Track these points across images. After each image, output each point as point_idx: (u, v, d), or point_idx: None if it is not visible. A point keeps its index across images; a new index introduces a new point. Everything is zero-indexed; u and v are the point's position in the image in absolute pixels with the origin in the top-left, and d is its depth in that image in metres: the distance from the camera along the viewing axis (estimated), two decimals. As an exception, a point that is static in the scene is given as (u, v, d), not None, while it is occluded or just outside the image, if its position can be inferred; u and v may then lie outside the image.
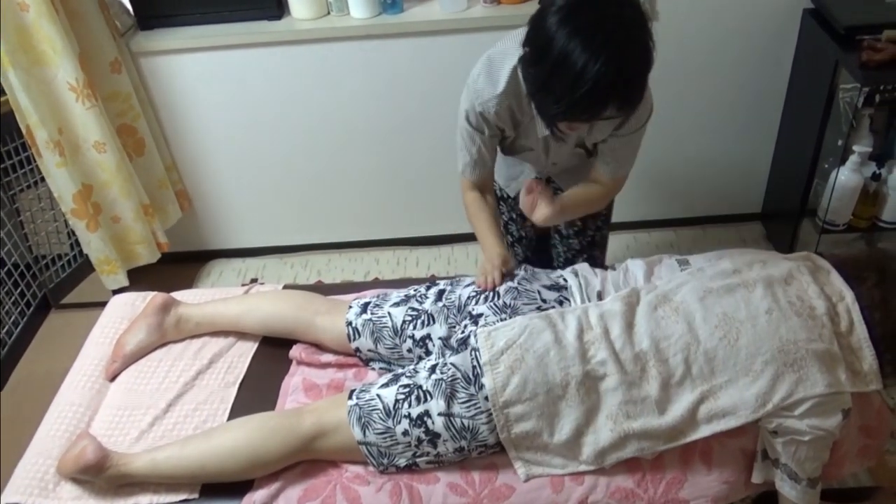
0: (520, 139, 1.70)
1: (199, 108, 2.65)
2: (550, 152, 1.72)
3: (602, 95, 1.26)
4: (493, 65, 1.54)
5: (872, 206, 2.48)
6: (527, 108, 1.58)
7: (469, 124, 1.62)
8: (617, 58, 1.23)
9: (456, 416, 1.44)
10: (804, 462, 1.38)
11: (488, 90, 1.54)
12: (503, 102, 1.55)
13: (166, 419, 1.63)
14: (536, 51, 1.31)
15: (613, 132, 1.60)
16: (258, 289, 1.98)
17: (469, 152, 1.68)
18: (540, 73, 1.30)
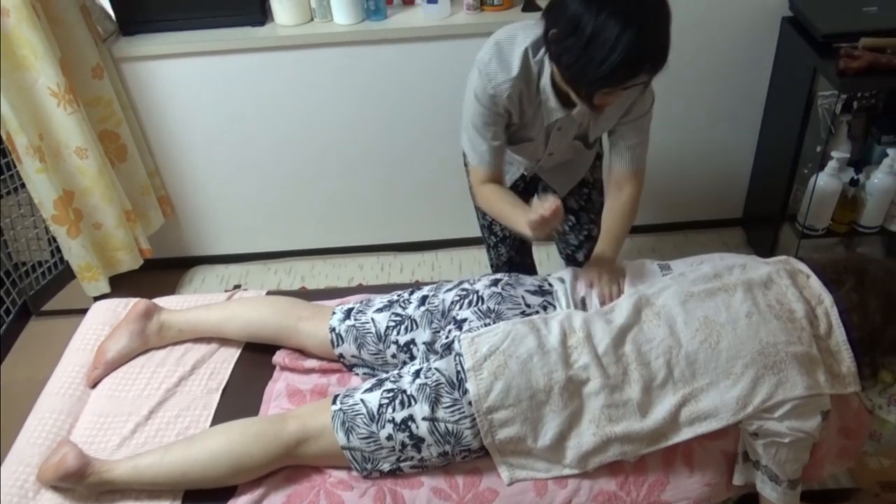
0: (522, 129, 1.70)
1: (181, 113, 2.64)
2: (549, 143, 1.73)
3: (638, 57, 1.31)
4: (503, 49, 1.55)
5: (851, 212, 2.51)
6: (534, 97, 1.59)
7: (483, 107, 1.60)
8: (648, 20, 1.30)
9: (440, 421, 1.44)
10: (784, 464, 1.40)
11: (501, 74, 1.54)
12: (516, 86, 1.55)
13: (148, 426, 1.62)
14: (569, 24, 1.33)
15: (620, 120, 1.64)
16: (241, 295, 1.97)
17: (484, 139, 1.65)
18: (576, 43, 1.33)
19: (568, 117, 1.61)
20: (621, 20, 1.28)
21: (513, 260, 2.13)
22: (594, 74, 1.34)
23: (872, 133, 2.54)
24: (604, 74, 1.33)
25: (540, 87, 1.56)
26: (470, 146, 1.69)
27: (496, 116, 1.61)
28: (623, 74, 1.34)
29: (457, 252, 3.06)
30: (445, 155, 2.80)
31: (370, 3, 2.44)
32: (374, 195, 2.90)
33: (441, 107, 2.66)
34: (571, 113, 1.59)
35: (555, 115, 1.60)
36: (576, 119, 1.63)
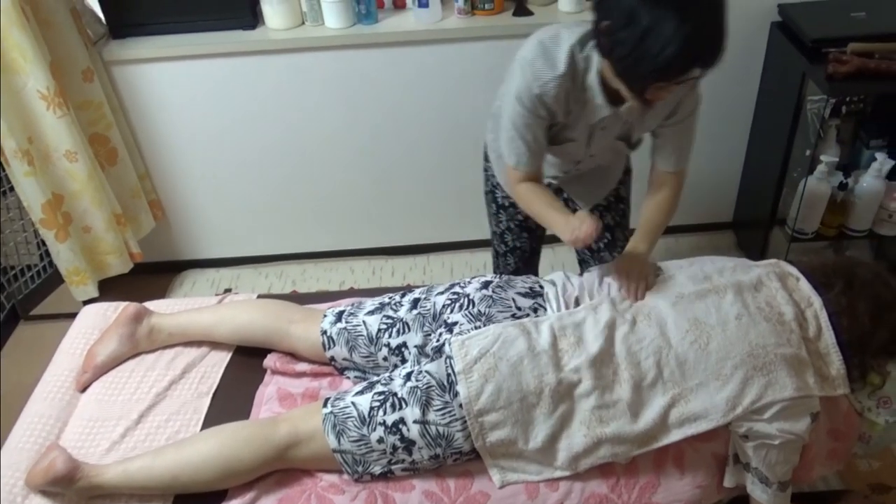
0: (565, 129, 1.65)
1: (172, 117, 2.63)
2: (592, 143, 1.68)
3: (695, 51, 1.30)
4: (548, 47, 1.50)
5: (840, 215, 2.53)
6: (579, 95, 1.55)
7: (525, 109, 1.55)
8: (705, 12, 1.28)
9: (431, 424, 1.44)
10: (774, 466, 1.41)
11: (548, 71, 1.49)
12: (563, 84, 1.50)
13: (138, 430, 1.61)
14: (623, 16, 1.30)
15: (664, 122, 1.62)
16: (232, 298, 1.97)
17: (524, 140, 1.60)
18: (631, 36, 1.30)
19: (614, 115, 1.56)
20: (679, 13, 1.25)
21: (519, 271, 2.12)
22: (648, 68, 1.31)
23: (861, 137, 2.56)
24: (659, 68, 1.30)
25: (587, 83, 1.52)
26: (508, 147, 1.64)
27: (538, 119, 1.57)
28: (678, 68, 1.32)
29: (448, 256, 3.06)
30: (437, 159, 2.80)
31: (361, 7, 2.44)
32: (366, 199, 2.90)
33: (432, 111, 2.67)
34: (619, 110, 1.55)
35: (601, 112, 1.55)
36: (621, 117, 1.58)
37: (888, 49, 2.21)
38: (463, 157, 2.79)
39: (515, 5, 2.53)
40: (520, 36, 2.47)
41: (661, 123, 1.63)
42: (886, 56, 2.19)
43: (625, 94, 1.43)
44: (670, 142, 1.67)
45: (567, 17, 2.48)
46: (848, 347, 1.47)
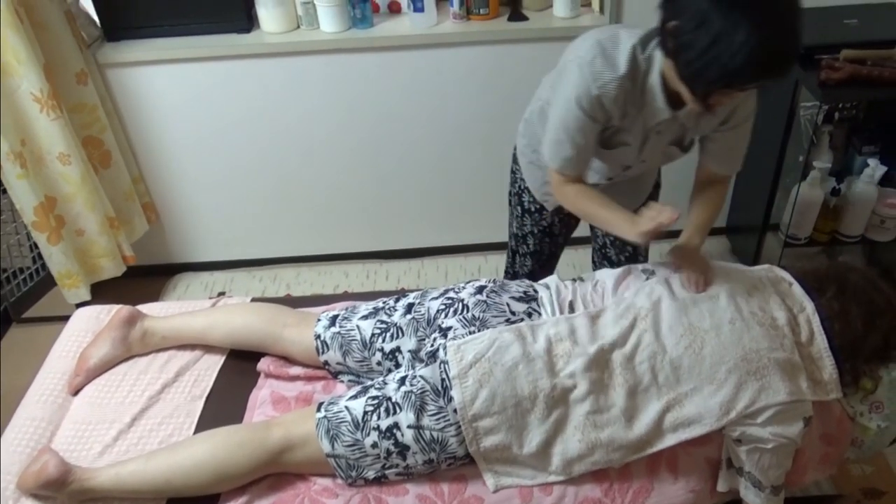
0: (620, 133, 1.60)
1: (167, 120, 2.63)
2: (645, 148, 1.64)
3: (766, 61, 1.25)
4: (607, 48, 1.46)
5: (833, 221, 2.54)
6: (638, 97, 1.50)
7: (581, 110, 1.49)
8: (781, 21, 1.24)
9: (425, 429, 1.43)
10: (767, 470, 1.41)
11: (608, 72, 1.44)
12: (623, 86, 1.46)
13: (131, 433, 1.60)
14: (693, 18, 1.26)
15: (719, 127, 1.58)
16: (226, 301, 1.96)
17: (575, 144, 1.55)
18: (700, 40, 1.26)
19: (672, 119, 1.52)
20: (753, 20, 1.20)
21: (535, 274, 2.11)
22: (716, 74, 1.27)
23: (853, 143, 2.58)
24: (727, 75, 1.26)
25: (647, 85, 1.47)
26: (554, 149, 1.59)
27: (593, 122, 1.52)
28: (747, 77, 1.28)
29: (443, 260, 3.06)
30: (432, 163, 2.80)
31: (357, 11, 2.45)
32: (360, 202, 2.90)
33: (427, 115, 2.67)
34: (678, 113, 1.51)
35: (660, 115, 1.51)
36: (679, 120, 1.54)
37: (880, 56, 2.22)
38: (458, 160, 2.80)
39: (510, 10, 2.54)
40: (514, 40, 2.50)
41: (715, 128, 1.59)
42: (878, 63, 2.20)
43: (686, 97, 1.39)
44: (724, 146, 1.63)
45: (562, 22, 2.49)
46: (840, 352, 1.48)
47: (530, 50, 2.53)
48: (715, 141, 1.63)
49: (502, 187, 2.85)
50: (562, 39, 2.49)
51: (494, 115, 2.68)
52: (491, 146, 2.76)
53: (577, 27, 2.48)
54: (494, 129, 2.72)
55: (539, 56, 2.54)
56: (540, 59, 2.54)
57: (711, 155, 1.67)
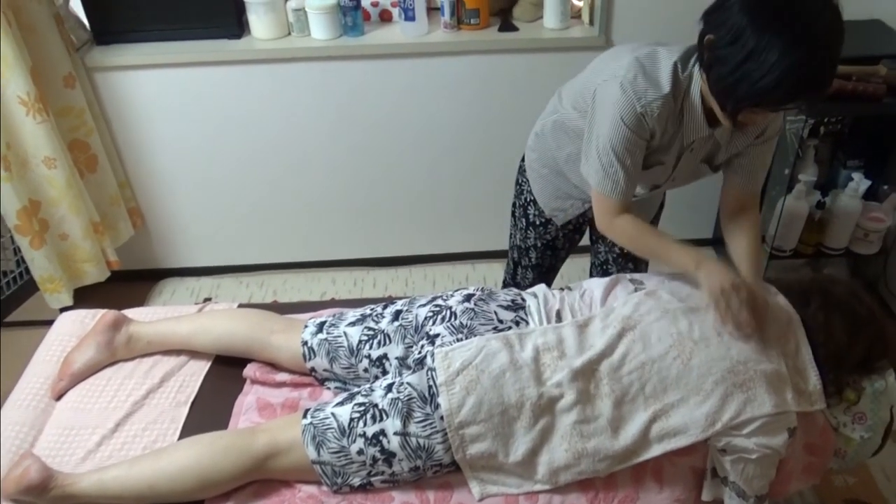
0: (657, 152, 1.58)
1: (154, 125, 2.62)
2: (678, 166, 1.63)
3: (798, 83, 1.24)
4: (646, 66, 1.45)
5: (818, 234, 2.57)
6: (677, 115, 1.49)
7: (628, 129, 1.46)
8: (816, 45, 1.22)
9: (412, 436, 1.43)
10: (752, 480, 1.41)
11: (651, 90, 1.44)
12: (667, 104, 1.45)
13: (114, 439, 1.59)
14: (729, 33, 1.26)
15: (753, 141, 1.57)
16: (212, 307, 1.95)
17: (624, 165, 1.51)
18: (733, 56, 1.25)
19: (708, 136, 1.52)
20: (787, 41, 1.20)
21: (534, 284, 2.11)
22: (746, 92, 1.27)
23: (838, 157, 2.61)
24: (757, 93, 1.26)
25: (687, 103, 1.47)
26: (603, 174, 1.53)
27: (640, 141, 1.49)
28: (778, 98, 1.27)
29: (430, 268, 3.06)
30: (421, 171, 2.81)
31: (348, 19, 2.45)
32: (349, 210, 2.90)
33: (417, 123, 2.68)
34: (714, 131, 1.50)
35: (698, 133, 1.50)
36: (714, 137, 1.54)
37: (865, 72, 2.25)
38: (447, 169, 2.81)
39: (501, 21, 2.55)
40: (505, 51, 2.51)
41: (748, 144, 1.57)
42: (863, 78, 2.23)
43: (717, 113, 1.39)
44: (751, 160, 1.60)
45: (552, 33, 2.51)
46: (824, 363, 1.49)
47: (520, 60, 2.54)
48: (744, 155, 1.61)
49: (491, 197, 2.87)
50: (552, 50, 2.52)
51: (484, 124, 2.69)
52: (480, 156, 2.77)
53: (567, 38, 2.49)
54: (484, 139, 2.73)
55: (529, 67, 2.55)
56: (530, 69, 2.56)
57: (738, 170, 1.63)
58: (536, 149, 1.86)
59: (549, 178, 1.86)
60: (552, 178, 1.85)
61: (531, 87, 2.60)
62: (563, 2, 2.46)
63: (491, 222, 2.94)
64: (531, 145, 1.89)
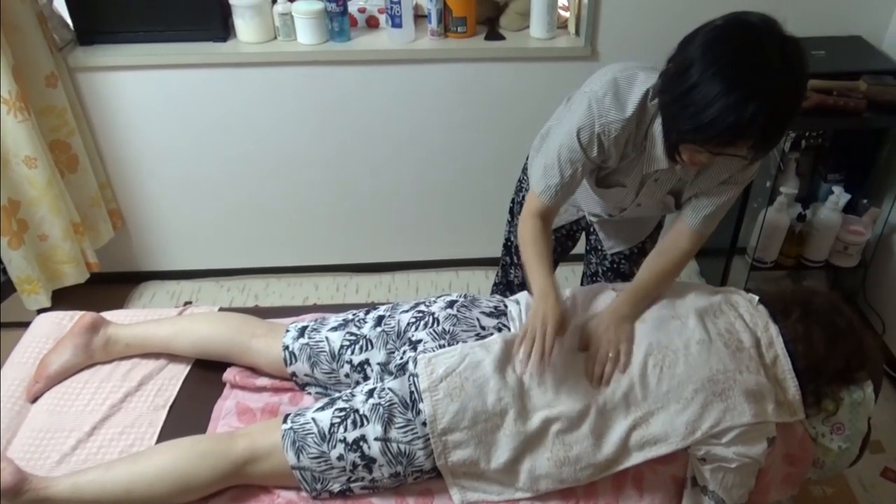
0: (617, 173, 1.60)
1: (137, 126, 2.60)
2: (641, 193, 1.63)
3: (733, 127, 1.21)
4: (621, 87, 1.45)
5: (798, 246, 2.59)
6: (640, 142, 1.50)
7: (579, 143, 1.48)
8: (759, 92, 1.19)
9: (393, 442, 1.42)
10: (731, 489, 1.42)
11: (615, 112, 1.44)
12: (626, 128, 1.45)
13: (90, 442, 1.57)
14: (681, 65, 1.27)
15: (718, 186, 1.53)
16: (192, 310, 1.94)
17: (562, 174, 1.53)
18: (678, 87, 1.26)
19: (670, 169, 1.51)
20: (726, 82, 1.19)
21: (524, 285, 2.10)
22: (683, 125, 1.27)
23: (819, 171, 2.64)
24: (693, 129, 1.25)
25: (650, 132, 1.47)
26: (542, 173, 1.56)
27: (586, 158, 1.50)
28: (711, 135, 1.24)
29: (414, 274, 3.05)
30: (405, 177, 2.80)
31: (334, 25, 2.45)
32: (332, 215, 2.89)
33: (402, 130, 2.67)
34: (676, 166, 1.48)
35: (657, 164, 1.50)
36: (677, 173, 1.54)
37: (846, 87, 2.28)
38: (431, 176, 2.80)
39: (488, 29, 2.56)
40: (491, 59, 2.52)
41: (712, 185, 1.54)
42: (844, 93, 2.26)
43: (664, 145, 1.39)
44: (708, 202, 1.56)
45: (538, 42, 2.52)
46: (803, 374, 1.50)
47: (506, 69, 2.55)
48: (704, 195, 1.57)
49: (476, 204, 2.87)
50: (538, 60, 2.53)
51: (469, 132, 2.69)
52: (465, 163, 2.77)
53: (553, 48, 2.51)
54: (469, 147, 2.73)
55: (515, 76, 2.56)
56: (516, 78, 2.57)
57: (693, 206, 1.58)
58: (538, 148, 1.86)
59: None
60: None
61: (517, 96, 2.60)
62: (549, 12, 2.47)
63: (475, 229, 2.94)
64: (535, 146, 1.89)
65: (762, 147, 1.27)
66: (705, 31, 1.26)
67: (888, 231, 2.58)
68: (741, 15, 1.26)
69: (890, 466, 2.23)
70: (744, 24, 1.24)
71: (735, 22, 1.25)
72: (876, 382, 1.57)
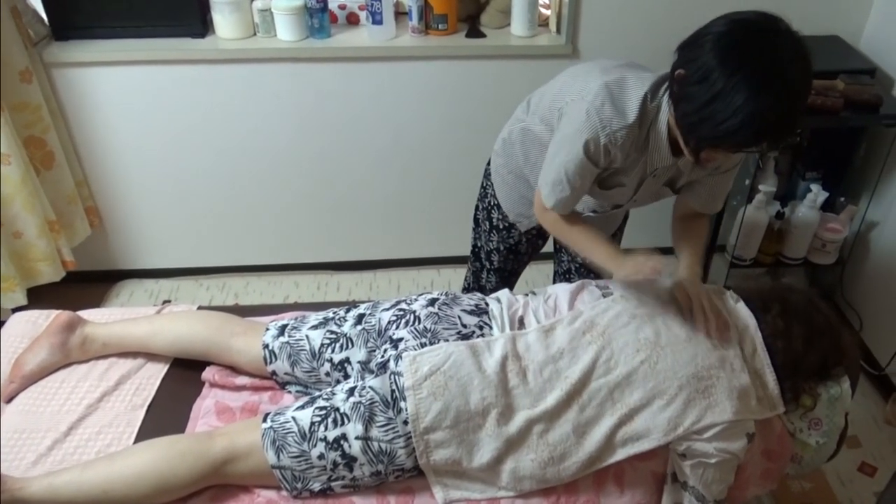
0: (618, 174, 1.60)
1: (114, 123, 2.57)
2: (640, 190, 1.65)
3: (761, 129, 1.24)
4: (615, 93, 1.45)
5: (777, 243, 2.61)
6: (643, 142, 1.50)
7: (587, 155, 1.49)
8: (783, 92, 1.22)
9: (373, 440, 1.42)
10: (711, 484, 1.43)
11: (617, 119, 1.44)
12: (631, 133, 1.46)
13: (67, 443, 1.55)
14: (698, 72, 1.27)
15: (714, 170, 1.58)
16: (171, 309, 1.91)
17: (573, 186, 1.55)
18: (700, 95, 1.26)
19: (672, 164, 1.53)
20: (754, 87, 1.21)
21: (496, 288, 2.10)
22: (708, 132, 1.28)
23: (797, 169, 2.66)
24: (719, 136, 1.27)
25: (652, 132, 1.48)
26: (551, 188, 1.58)
27: (594, 168, 1.52)
28: (739, 140, 1.27)
29: (395, 273, 3.04)
30: (387, 175, 2.80)
31: (314, 21, 2.44)
32: (312, 213, 2.87)
33: (382, 127, 2.66)
34: (678, 161, 1.51)
35: (661, 162, 1.51)
36: (678, 165, 1.55)
37: (824, 86, 2.30)
38: (413, 174, 2.80)
39: (469, 27, 2.56)
40: (472, 57, 2.52)
41: (708, 172, 1.59)
42: (822, 92, 2.28)
43: (682, 146, 1.41)
44: (710, 188, 1.63)
45: (519, 41, 2.52)
46: (781, 370, 1.51)
47: (487, 67, 2.55)
48: (703, 184, 1.64)
49: (457, 202, 2.87)
50: (519, 58, 2.53)
51: (450, 129, 2.69)
52: (446, 160, 2.77)
53: (535, 46, 2.51)
54: (450, 144, 2.73)
55: (496, 73, 2.56)
56: (497, 76, 2.57)
57: (696, 195, 1.67)
58: (503, 154, 1.86)
59: (514, 185, 1.86)
60: (517, 185, 1.85)
61: (498, 94, 2.60)
62: (530, 10, 2.47)
63: (456, 227, 2.94)
64: (498, 150, 1.89)
65: (781, 143, 1.33)
66: (714, 37, 1.27)
67: (865, 229, 2.61)
68: (742, 15, 1.27)
69: (867, 461, 2.26)
70: (753, 26, 1.26)
71: (743, 24, 1.26)
72: (853, 378, 1.59)
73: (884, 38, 2.50)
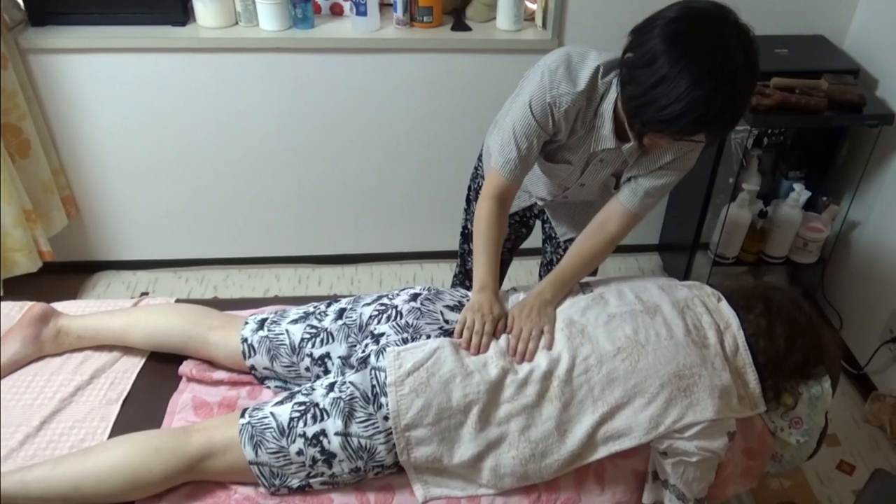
0: (564, 150, 1.61)
1: (92, 111, 2.52)
2: (586, 173, 1.66)
3: (701, 118, 1.25)
4: (573, 61, 1.47)
5: (759, 242, 2.62)
6: (589, 119, 1.52)
7: (532, 115, 1.50)
8: (725, 83, 1.23)
9: (353, 436, 1.40)
10: (691, 483, 1.42)
11: (566, 84, 1.46)
12: (577, 102, 1.47)
13: (39, 437, 1.51)
14: (645, 56, 1.27)
15: (662, 167, 1.56)
16: (148, 302, 1.88)
17: (519, 147, 1.54)
18: (645, 78, 1.27)
19: (616, 150, 1.53)
20: (696, 75, 1.22)
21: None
22: (652, 116, 1.29)
23: (780, 168, 2.67)
24: (661, 120, 1.28)
25: (600, 110, 1.49)
26: (500, 148, 1.59)
27: (540, 132, 1.53)
28: (679, 127, 1.28)
29: (377, 267, 3.02)
30: (369, 168, 2.77)
31: (297, 11, 2.40)
32: (294, 205, 2.84)
33: (365, 120, 2.64)
34: (622, 147, 1.52)
35: (605, 143, 1.52)
36: (623, 154, 1.55)
37: (808, 85, 2.31)
38: (395, 167, 2.78)
39: (454, 20, 2.54)
40: (457, 50, 2.50)
41: (657, 167, 1.57)
42: (806, 92, 2.29)
43: (627, 129, 1.41)
44: (648, 184, 1.58)
45: (504, 34, 2.50)
46: (763, 368, 1.51)
47: (472, 60, 2.53)
48: (644, 177, 1.59)
49: (441, 196, 2.85)
50: (504, 52, 2.51)
51: (433, 123, 2.67)
52: (430, 154, 2.75)
53: (520, 40, 2.49)
54: (434, 138, 2.71)
55: (481, 67, 2.54)
56: (481, 70, 2.55)
57: (629, 189, 1.60)
58: (495, 132, 1.85)
59: None
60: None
61: (482, 88, 2.59)
62: (516, 4, 2.46)
63: (440, 222, 2.92)
64: (491, 130, 1.89)
65: (722, 133, 1.33)
66: (664, 22, 1.28)
67: (847, 228, 2.63)
68: (695, 4, 1.29)
69: (846, 459, 2.28)
70: (703, 15, 1.27)
71: (693, 13, 1.28)
72: (833, 377, 1.59)
73: (868, 39, 2.51)
